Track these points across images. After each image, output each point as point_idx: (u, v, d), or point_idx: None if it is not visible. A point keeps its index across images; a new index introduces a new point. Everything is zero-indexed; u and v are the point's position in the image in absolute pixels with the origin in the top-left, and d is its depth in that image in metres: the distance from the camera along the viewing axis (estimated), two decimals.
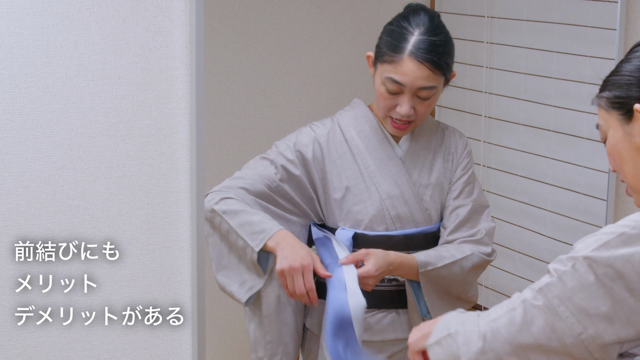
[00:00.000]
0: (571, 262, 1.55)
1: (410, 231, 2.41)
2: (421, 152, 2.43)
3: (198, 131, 2.07)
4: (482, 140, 3.62)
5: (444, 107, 3.76)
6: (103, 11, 2.00)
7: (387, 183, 2.39)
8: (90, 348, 2.10)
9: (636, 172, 1.68)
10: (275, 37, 3.46)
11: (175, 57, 2.06)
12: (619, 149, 1.69)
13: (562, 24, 3.22)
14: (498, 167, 3.58)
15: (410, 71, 2.27)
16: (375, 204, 2.38)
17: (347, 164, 2.40)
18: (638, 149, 1.66)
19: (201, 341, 2.14)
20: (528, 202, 3.45)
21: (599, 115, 1.72)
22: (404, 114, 2.31)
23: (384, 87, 2.31)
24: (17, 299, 2.04)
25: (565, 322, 1.55)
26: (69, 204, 2.03)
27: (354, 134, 2.41)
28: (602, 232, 1.57)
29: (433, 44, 2.28)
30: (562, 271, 1.56)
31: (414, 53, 2.27)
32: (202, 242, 2.12)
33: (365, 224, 2.38)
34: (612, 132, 1.69)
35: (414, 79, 2.28)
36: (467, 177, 2.47)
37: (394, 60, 2.28)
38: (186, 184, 2.10)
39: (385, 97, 2.32)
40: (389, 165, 2.40)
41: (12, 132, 1.97)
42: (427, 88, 2.29)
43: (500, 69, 3.52)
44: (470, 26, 3.63)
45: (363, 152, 2.40)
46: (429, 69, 2.27)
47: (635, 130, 1.65)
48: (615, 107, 1.67)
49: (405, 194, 2.39)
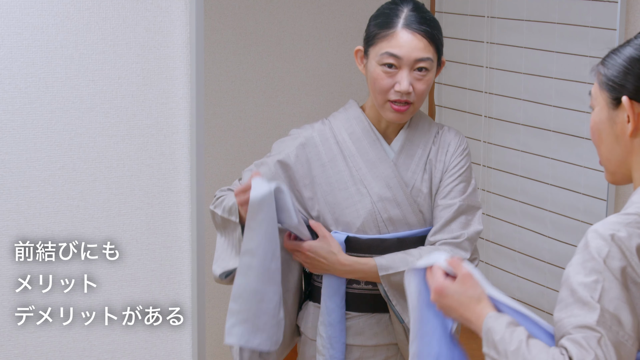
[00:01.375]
0: (594, 341, 1.54)
1: (403, 234, 2.38)
2: (415, 152, 2.41)
3: (198, 131, 2.07)
4: (482, 140, 3.62)
5: (444, 107, 3.76)
6: (103, 11, 2.00)
7: (379, 185, 2.37)
8: (90, 348, 2.09)
9: (610, 155, 1.71)
10: (275, 37, 3.46)
11: (175, 57, 2.06)
12: (600, 128, 1.71)
13: (562, 24, 3.23)
14: (498, 167, 3.58)
15: (406, 42, 2.27)
16: (367, 207, 2.36)
17: (338, 166, 2.38)
18: (617, 136, 1.68)
19: (201, 341, 2.14)
20: (528, 202, 3.45)
21: (594, 86, 1.73)
22: (404, 89, 2.28)
23: (380, 67, 2.30)
24: (17, 299, 2.04)
25: (626, 345, 1.54)
26: (69, 204, 2.03)
27: (346, 135, 2.39)
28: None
29: (424, 18, 2.30)
30: (598, 296, 1.55)
31: (408, 25, 2.28)
32: (202, 242, 2.11)
33: (357, 227, 2.36)
34: (598, 110, 1.71)
35: (410, 49, 2.28)
36: (458, 175, 2.41)
37: (387, 34, 2.28)
38: (186, 184, 2.10)
39: (382, 77, 2.30)
40: (380, 168, 2.38)
41: (12, 132, 1.97)
42: (423, 59, 2.28)
43: (500, 69, 3.52)
44: (470, 26, 3.63)
45: (354, 154, 2.38)
46: (425, 38, 2.28)
47: (618, 119, 1.67)
48: (607, 89, 1.69)
49: (397, 197, 2.37)
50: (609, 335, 1.53)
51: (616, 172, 1.72)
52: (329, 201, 2.37)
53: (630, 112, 1.66)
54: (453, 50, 3.69)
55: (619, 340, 1.52)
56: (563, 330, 1.56)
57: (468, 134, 3.70)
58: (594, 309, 1.53)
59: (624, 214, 1.60)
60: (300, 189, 2.38)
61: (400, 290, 2.32)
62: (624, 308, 1.54)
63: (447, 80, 3.71)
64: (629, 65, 1.67)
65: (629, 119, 1.66)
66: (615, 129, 1.69)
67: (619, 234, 1.57)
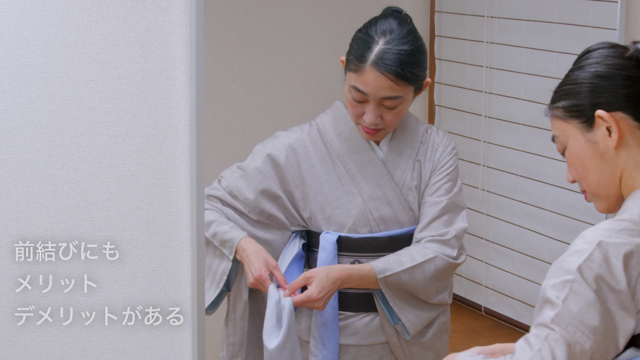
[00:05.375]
0: (568, 285, 1.53)
1: (394, 232, 2.39)
2: (404, 152, 2.41)
3: (198, 131, 2.07)
4: (482, 140, 3.62)
5: (443, 107, 3.76)
6: (103, 11, 2.00)
7: (369, 185, 2.38)
8: (90, 348, 2.10)
9: (601, 179, 1.68)
10: (275, 37, 3.46)
11: (175, 57, 2.06)
12: (581, 157, 1.69)
13: (562, 24, 3.23)
14: (498, 167, 3.58)
15: (372, 81, 2.26)
16: (358, 207, 2.37)
17: (327, 167, 2.39)
18: (602, 155, 1.67)
19: (201, 341, 2.14)
20: (528, 202, 3.45)
21: (554, 127, 1.73)
22: (369, 122, 2.31)
23: (350, 94, 2.31)
24: (17, 299, 2.04)
25: (584, 347, 1.51)
26: (69, 204, 2.03)
27: (334, 136, 2.40)
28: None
29: (397, 54, 2.24)
30: (564, 296, 1.53)
31: (377, 63, 2.25)
32: (202, 242, 2.12)
33: (349, 226, 2.37)
34: (573, 142, 1.69)
35: (376, 89, 2.27)
36: (446, 175, 2.42)
37: (357, 69, 2.27)
38: (186, 184, 2.10)
39: (352, 104, 2.33)
40: (369, 167, 2.38)
41: (12, 132, 1.97)
42: (391, 98, 2.28)
43: (500, 69, 3.52)
44: (470, 26, 3.63)
45: (343, 154, 2.39)
46: (391, 80, 2.25)
47: (598, 137, 1.66)
48: (574, 116, 1.68)
49: (388, 195, 2.38)
50: (562, 334, 1.50)
51: (610, 194, 1.69)
52: (319, 201, 2.38)
53: (611, 121, 1.66)
54: (453, 50, 3.69)
55: (575, 340, 1.49)
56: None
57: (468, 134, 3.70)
58: (556, 307, 1.51)
59: (617, 220, 1.60)
60: (291, 189, 2.39)
61: (396, 291, 2.33)
62: (589, 311, 1.51)
63: (447, 80, 3.71)
64: (589, 83, 1.68)
65: (610, 131, 1.66)
66: (598, 148, 1.68)
67: (608, 239, 1.55)
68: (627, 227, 1.56)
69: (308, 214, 2.39)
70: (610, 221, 1.59)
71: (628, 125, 1.65)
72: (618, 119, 1.65)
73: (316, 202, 2.38)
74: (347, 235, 2.37)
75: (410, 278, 2.31)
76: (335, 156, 2.39)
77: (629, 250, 1.53)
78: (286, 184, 2.39)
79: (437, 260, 2.33)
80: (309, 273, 2.30)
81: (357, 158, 2.38)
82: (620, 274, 1.52)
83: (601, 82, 1.67)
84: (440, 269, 2.33)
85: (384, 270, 2.31)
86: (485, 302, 3.69)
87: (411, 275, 2.31)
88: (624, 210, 1.62)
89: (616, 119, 1.65)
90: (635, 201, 1.62)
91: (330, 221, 2.38)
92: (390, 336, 2.39)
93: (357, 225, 2.37)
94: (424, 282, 2.32)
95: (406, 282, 2.31)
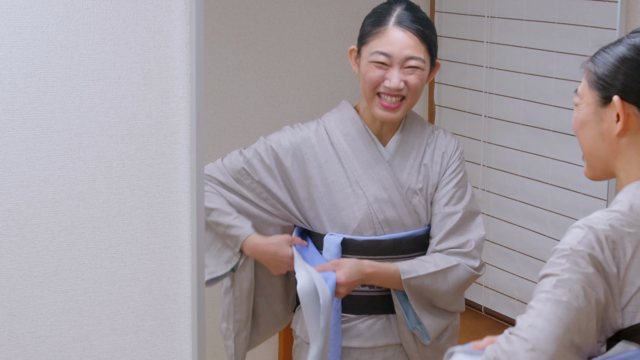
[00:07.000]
0: (565, 259, 1.57)
1: (399, 235, 2.38)
2: (410, 154, 2.39)
3: (198, 131, 2.07)
4: (482, 140, 3.62)
5: (443, 107, 3.76)
6: (103, 11, 2.00)
7: (375, 187, 2.36)
8: (90, 348, 2.10)
9: (592, 150, 1.73)
10: (275, 37, 3.46)
11: (175, 57, 2.06)
12: (584, 123, 1.73)
13: (562, 24, 3.23)
14: (498, 167, 3.58)
15: (397, 40, 2.25)
16: (363, 209, 2.36)
17: (333, 167, 2.37)
18: (602, 133, 1.70)
19: (201, 341, 2.14)
20: (528, 202, 3.45)
21: (582, 84, 1.75)
22: (393, 86, 2.25)
23: (370, 65, 2.28)
24: (17, 299, 2.04)
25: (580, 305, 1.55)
26: (69, 204, 2.04)
27: (340, 137, 2.38)
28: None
29: (417, 17, 2.28)
30: (563, 268, 1.58)
31: (399, 22, 2.26)
32: (202, 242, 2.12)
33: (353, 229, 2.36)
34: (584, 106, 1.73)
35: (401, 47, 2.25)
36: (457, 181, 2.39)
37: (379, 32, 2.26)
38: (186, 184, 2.10)
39: (372, 69, 2.27)
40: (376, 169, 2.36)
41: (12, 132, 1.97)
42: (414, 58, 2.26)
43: (500, 69, 3.52)
44: (470, 26, 3.63)
45: (349, 155, 2.37)
46: (416, 37, 2.25)
47: (606, 116, 1.69)
48: (596, 87, 1.70)
49: (393, 198, 2.36)
50: (558, 295, 1.54)
51: (597, 167, 1.76)
52: (325, 203, 2.37)
53: (621, 111, 1.67)
54: (453, 50, 3.69)
55: (559, 300, 1.53)
56: None
57: (468, 134, 3.71)
58: (552, 277, 1.57)
59: (607, 211, 1.66)
60: (296, 189, 2.37)
61: (418, 294, 2.34)
62: (577, 282, 1.55)
63: (447, 80, 3.71)
64: (620, 65, 1.69)
65: (618, 118, 1.68)
66: (601, 126, 1.71)
67: (598, 226, 1.60)
68: (615, 217, 1.62)
69: (312, 214, 2.38)
70: (601, 212, 1.65)
71: (637, 121, 1.67)
72: (630, 112, 1.66)
73: (321, 203, 2.37)
74: (351, 237, 2.36)
75: (432, 283, 2.31)
76: (342, 156, 2.38)
77: (615, 239, 1.59)
78: (291, 183, 2.37)
79: (459, 269, 2.33)
80: (339, 260, 2.31)
81: (363, 159, 2.37)
82: (610, 259, 1.56)
83: (626, 66, 1.67)
84: (462, 277, 2.33)
85: (408, 272, 2.31)
86: (485, 302, 3.69)
87: (434, 281, 2.31)
88: (615, 202, 1.67)
89: (628, 111, 1.66)
90: (626, 194, 1.66)
91: (334, 223, 2.37)
92: (407, 341, 2.39)
93: (362, 227, 2.36)
94: (445, 288, 2.32)
95: (428, 286, 2.31)
